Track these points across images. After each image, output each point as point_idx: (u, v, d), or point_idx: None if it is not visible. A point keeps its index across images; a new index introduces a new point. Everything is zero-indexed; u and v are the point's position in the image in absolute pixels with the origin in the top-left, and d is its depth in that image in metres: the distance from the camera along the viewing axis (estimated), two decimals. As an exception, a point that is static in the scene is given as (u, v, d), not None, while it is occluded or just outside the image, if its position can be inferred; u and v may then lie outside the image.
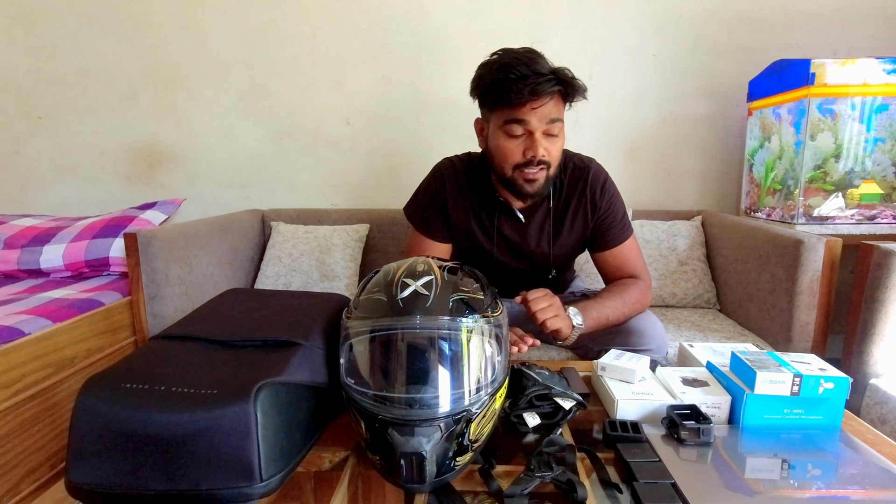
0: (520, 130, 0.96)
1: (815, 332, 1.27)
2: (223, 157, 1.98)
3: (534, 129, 0.95)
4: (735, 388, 0.72)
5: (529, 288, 0.98)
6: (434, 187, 1.12)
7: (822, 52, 1.76)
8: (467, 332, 0.60)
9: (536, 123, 0.94)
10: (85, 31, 1.90)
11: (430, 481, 0.56)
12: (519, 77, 0.91)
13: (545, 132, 0.96)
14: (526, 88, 0.90)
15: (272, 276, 1.73)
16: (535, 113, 0.93)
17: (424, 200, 1.13)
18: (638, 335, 1.04)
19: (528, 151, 0.96)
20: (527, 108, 0.93)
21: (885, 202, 1.50)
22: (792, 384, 0.69)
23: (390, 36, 1.86)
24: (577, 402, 0.74)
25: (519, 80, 0.91)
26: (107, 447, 0.53)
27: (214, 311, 0.77)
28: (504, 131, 0.97)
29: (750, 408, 0.70)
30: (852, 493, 0.57)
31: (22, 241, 1.59)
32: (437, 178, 1.12)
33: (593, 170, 1.10)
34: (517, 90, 0.91)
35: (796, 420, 0.70)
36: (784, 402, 0.70)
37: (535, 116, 0.94)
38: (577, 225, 1.10)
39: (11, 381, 1.06)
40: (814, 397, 0.69)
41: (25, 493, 1.08)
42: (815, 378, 0.69)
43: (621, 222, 1.10)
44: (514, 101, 0.93)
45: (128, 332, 1.40)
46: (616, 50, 1.83)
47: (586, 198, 1.08)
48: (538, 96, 0.92)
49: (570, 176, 1.09)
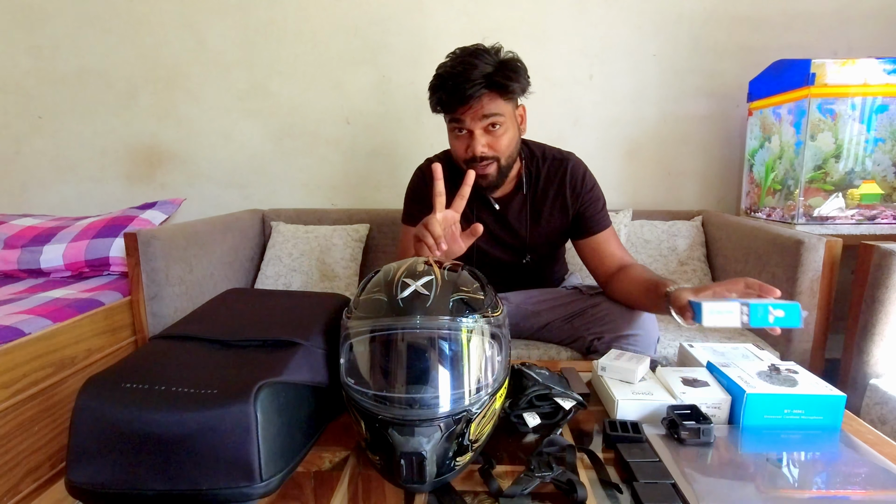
0: (462, 130, 1.05)
1: (815, 332, 1.27)
2: (223, 157, 1.98)
3: (471, 128, 1.03)
4: (735, 388, 0.72)
5: (508, 275, 1.05)
6: (417, 184, 1.20)
7: (822, 52, 1.76)
8: (467, 332, 0.60)
9: (471, 123, 1.03)
10: (85, 31, 1.90)
11: (430, 481, 0.56)
12: (448, 87, 1.00)
13: (484, 129, 1.03)
14: (454, 97, 1.00)
15: (272, 276, 1.73)
16: (468, 114, 1.02)
17: (411, 198, 1.21)
18: (627, 323, 1.05)
19: (469, 149, 1.05)
20: (462, 109, 1.02)
21: (885, 202, 1.49)
22: (741, 314, 0.68)
23: (390, 36, 1.86)
24: (577, 402, 0.74)
25: (448, 89, 1.00)
26: (107, 447, 0.53)
27: (214, 311, 0.77)
28: (451, 131, 1.08)
29: (750, 408, 0.70)
30: (852, 493, 0.57)
31: (22, 241, 1.59)
32: (418, 175, 1.21)
33: (573, 162, 1.17)
34: (447, 100, 1.02)
35: (796, 420, 0.70)
36: (784, 402, 0.70)
37: (468, 117, 1.02)
38: (555, 213, 1.16)
39: (11, 381, 1.06)
40: (813, 398, 0.69)
41: (25, 493, 1.08)
42: (763, 307, 0.68)
43: (603, 210, 1.16)
44: (445, 105, 1.03)
45: (128, 332, 1.40)
46: (616, 50, 1.83)
47: (566, 188, 1.14)
48: (466, 102, 1.00)
49: (548, 167, 1.16)
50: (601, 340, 1.06)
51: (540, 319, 1.20)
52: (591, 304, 1.13)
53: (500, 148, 1.05)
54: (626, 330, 1.04)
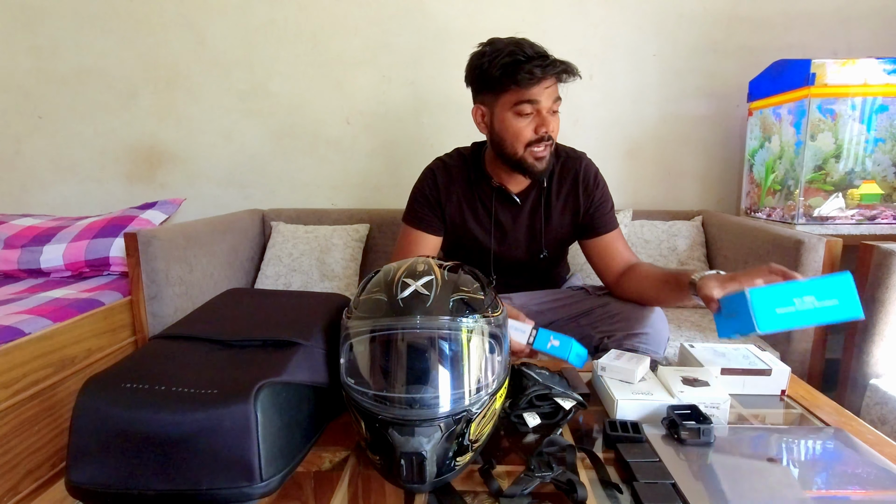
0: (529, 109, 1.01)
1: (815, 332, 1.27)
2: (223, 157, 1.98)
3: (544, 108, 1.01)
4: (738, 297, 0.71)
5: (522, 279, 1.03)
6: (426, 185, 1.16)
7: (822, 52, 1.76)
8: (467, 332, 0.60)
9: (546, 102, 1.01)
10: (85, 31, 1.90)
11: (430, 481, 0.56)
12: (528, 59, 0.96)
13: (551, 110, 1.02)
14: (537, 69, 0.96)
15: (272, 276, 1.73)
16: (546, 92, 1.00)
17: (418, 199, 1.17)
18: (637, 321, 1.05)
19: (541, 128, 1.02)
20: (539, 88, 0.99)
21: (885, 202, 1.49)
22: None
23: (390, 36, 1.86)
24: (577, 402, 0.74)
25: (529, 61, 0.96)
26: (107, 447, 0.53)
27: (214, 311, 0.77)
28: (514, 112, 1.02)
29: (757, 305, 0.68)
30: (852, 493, 0.57)
31: (22, 241, 1.59)
32: (428, 176, 1.17)
33: (586, 161, 1.16)
34: (529, 71, 0.96)
35: (815, 312, 0.68)
36: (789, 292, 0.68)
37: (545, 95, 1.00)
38: (567, 210, 1.15)
39: (11, 381, 1.06)
40: (817, 282, 0.69)
41: (25, 493, 1.08)
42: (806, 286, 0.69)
43: (612, 212, 1.16)
44: (526, 82, 0.98)
45: (128, 332, 1.40)
46: (616, 50, 1.83)
47: (578, 185, 1.14)
48: (547, 76, 0.98)
49: (562, 163, 1.15)
50: (612, 339, 1.05)
51: (544, 318, 1.20)
52: (599, 304, 1.13)
53: (558, 132, 1.06)
54: (637, 328, 1.03)
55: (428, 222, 1.16)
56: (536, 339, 0.76)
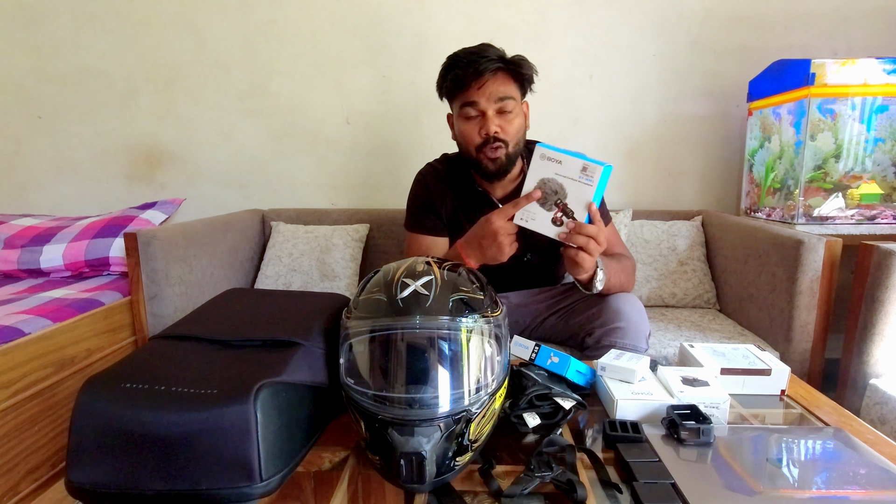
0: (473, 112, 1.05)
1: (815, 332, 1.27)
2: (223, 157, 1.98)
3: (484, 108, 1.03)
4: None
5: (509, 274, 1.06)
6: (419, 191, 1.19)
7: (822, 52, 1.76)
8: (467, 332, 0.60)
9: (485, 103, 1.03)
10: (85, 31, 1.90)
11: (430, 481, 0.56)
12: (463, 63, 1.02)
13: (497, 110, 1.04)
14: (469, 70, 1.01)
15: (272, 276, 1.73)
16: (482, 92, 1.02)
17: (415, 205, 1.19)
18: (612, 315, 1.05)
19: (482, 130, 1.04)
20: (472, 90, 1.03)
21: (885, 202, 1.49)
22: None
23: (390, 36, 1.86)
24: (577, 402, 0.74)
25: (463, 65, 1.02)
26: (107, 447, 0.53)
27: (214, 311, 0.77)
28: (462, 116, 1.07)
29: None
30: (852, 493, 0.57)
31: (22, 241, 1.60)
32: (420, 182, 1.21)
33: None
34: (461, 74, 1.02)
35: None
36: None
37: (482, 96, 1.03)
38: None
39: (11, 381, 1.06)
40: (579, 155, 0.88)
41: (25, 492, 1.08)
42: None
43: (603, 207, 1.15)
44: (461, 85, 1.03)
45: (128, 332, 1.40)
46: (616, 50, 1.83)
47: None
48: (481, 76, 1.01)
49: None
50: (591, 336, 1.06)
51: (538, 317, 1.20)
52: (580, 298, 1.14)
53: (511, 132, 1.05)
54: (612, 322, 1.04)
55: (431, 226, 1.17)
56: (538, 355, 0.79)
